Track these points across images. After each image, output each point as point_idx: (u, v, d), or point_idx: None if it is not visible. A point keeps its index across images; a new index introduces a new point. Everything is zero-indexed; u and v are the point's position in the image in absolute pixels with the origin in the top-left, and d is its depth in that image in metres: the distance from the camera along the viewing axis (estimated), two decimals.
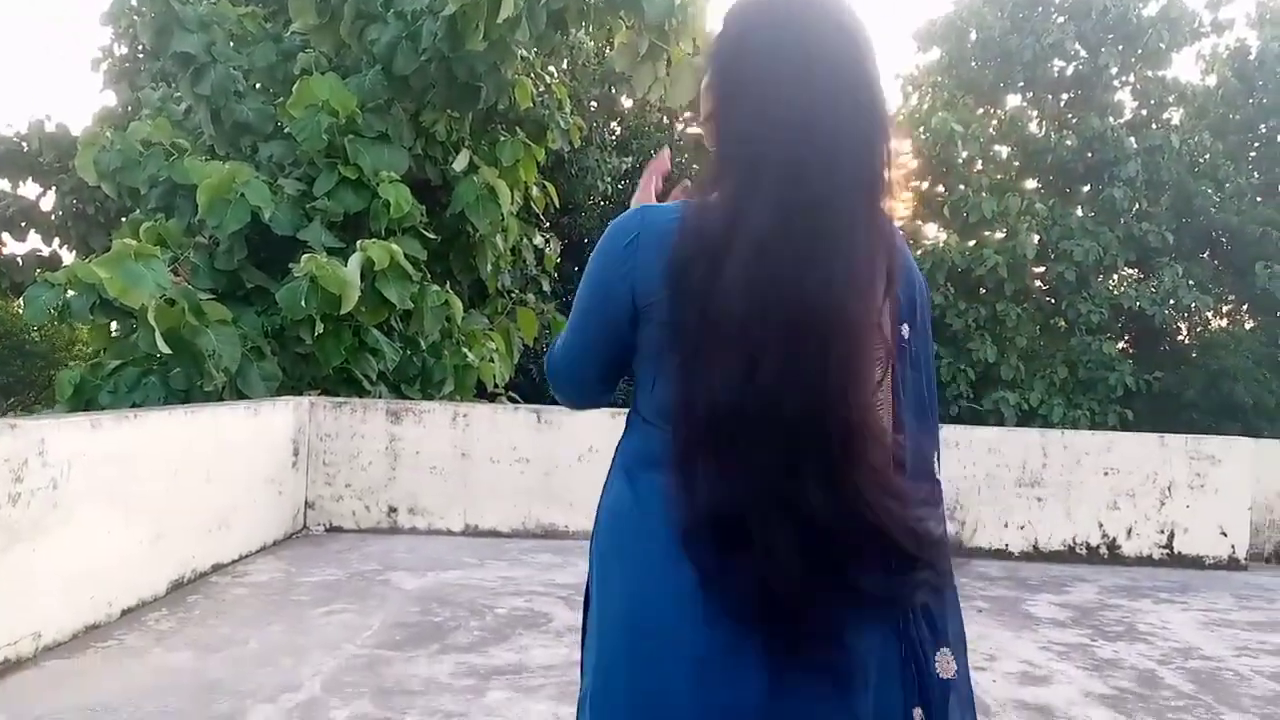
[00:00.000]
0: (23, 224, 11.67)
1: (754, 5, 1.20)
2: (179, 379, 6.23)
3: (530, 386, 13.56)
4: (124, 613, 4.11)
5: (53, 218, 11.68)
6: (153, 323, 5.82)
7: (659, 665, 1.13)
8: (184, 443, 4.69)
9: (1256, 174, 15.84)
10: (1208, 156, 15.54)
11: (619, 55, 8.40)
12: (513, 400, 9.45)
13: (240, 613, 4.31)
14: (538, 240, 10.81)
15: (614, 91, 15.79)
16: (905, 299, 1.24)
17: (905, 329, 1.24)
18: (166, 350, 5.90)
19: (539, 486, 6.37)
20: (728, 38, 1.21)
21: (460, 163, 8.51)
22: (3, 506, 3.37)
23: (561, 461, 6.36)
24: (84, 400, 6.29)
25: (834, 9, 1.17)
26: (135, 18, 8.77)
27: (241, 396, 6.29)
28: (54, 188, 11.51)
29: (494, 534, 6.32)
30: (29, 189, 11.77)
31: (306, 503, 6.23)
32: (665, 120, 16.37)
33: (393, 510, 6.32)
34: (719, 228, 1.10)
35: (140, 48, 12.44)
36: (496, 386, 9.03)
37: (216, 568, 4.97)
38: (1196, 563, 6.54)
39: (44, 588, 3.60)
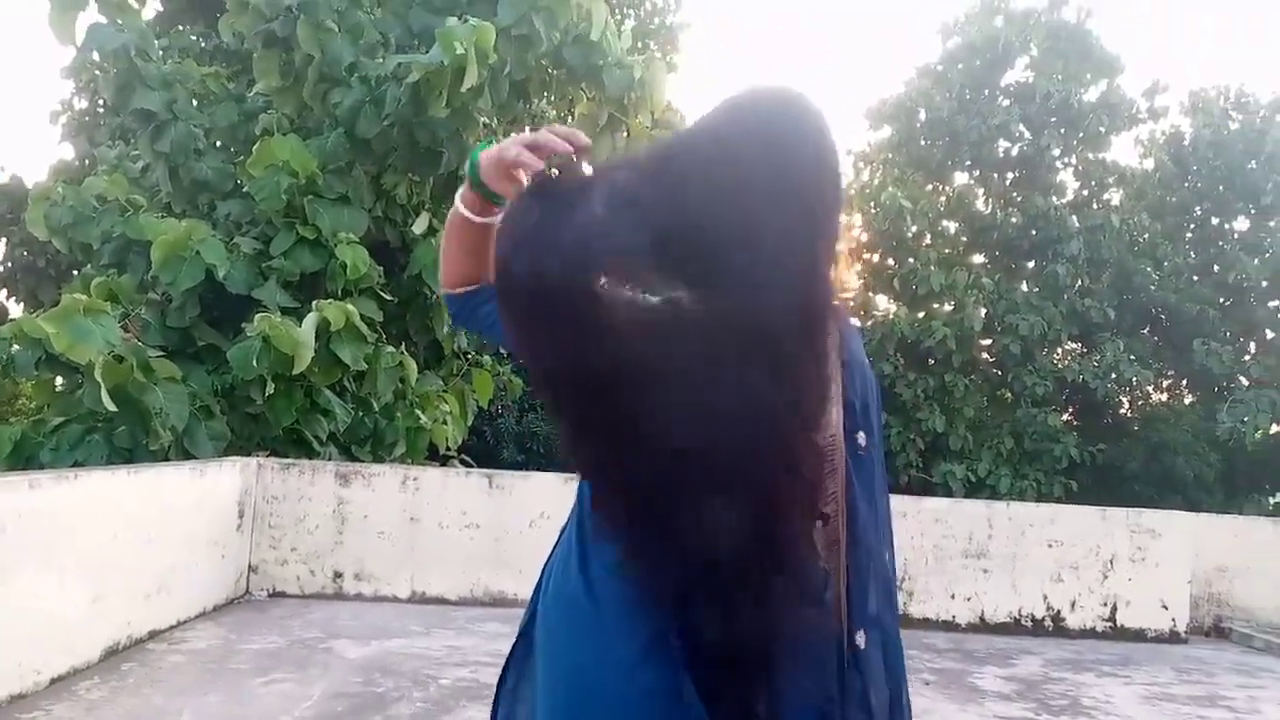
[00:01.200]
0: None
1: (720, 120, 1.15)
2: (124, 437, 6.11)
3: (483, 449, 13.46)
4: (54, 681, 3.97)
5: (1, 270, 11.49)
6: (99, 379, 5.72)
7: None
8: (125, 504, 4.58)
9: (1193, 254, 16.42)
10: (1146, 236, 16.09)
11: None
12: (465, 463, 9.37)
13: (176, 681, 4.19)
14: None
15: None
16: (860, 404, 1.25)
17: (862, 437, 1.25)
18: (112, 407, 5.79)
19: (489, 553, 6.31)
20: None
21: (420, 225, 8.56)
22: None
23: (512, 528, 6.31)
24: (24, 457, 6.14)
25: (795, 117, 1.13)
26: (97, 73, 8.77)
27: (188, 456, 6.18)
28: (4, 239, 11.34)
29: (441, 601, 6.23)
30: None
31: (250, 566, 6.10)
32: None
33: (338, 575, 6.20)
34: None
35: (101, 103, 12.41)
36: (449, 449, 8.96)
37: (153, 634, 4.84)
38: (1139, 635, 6.63)
39: None
